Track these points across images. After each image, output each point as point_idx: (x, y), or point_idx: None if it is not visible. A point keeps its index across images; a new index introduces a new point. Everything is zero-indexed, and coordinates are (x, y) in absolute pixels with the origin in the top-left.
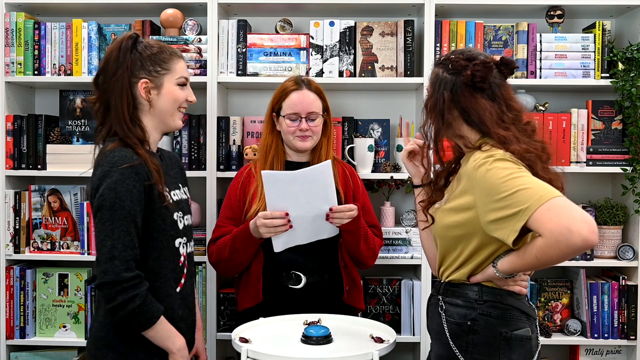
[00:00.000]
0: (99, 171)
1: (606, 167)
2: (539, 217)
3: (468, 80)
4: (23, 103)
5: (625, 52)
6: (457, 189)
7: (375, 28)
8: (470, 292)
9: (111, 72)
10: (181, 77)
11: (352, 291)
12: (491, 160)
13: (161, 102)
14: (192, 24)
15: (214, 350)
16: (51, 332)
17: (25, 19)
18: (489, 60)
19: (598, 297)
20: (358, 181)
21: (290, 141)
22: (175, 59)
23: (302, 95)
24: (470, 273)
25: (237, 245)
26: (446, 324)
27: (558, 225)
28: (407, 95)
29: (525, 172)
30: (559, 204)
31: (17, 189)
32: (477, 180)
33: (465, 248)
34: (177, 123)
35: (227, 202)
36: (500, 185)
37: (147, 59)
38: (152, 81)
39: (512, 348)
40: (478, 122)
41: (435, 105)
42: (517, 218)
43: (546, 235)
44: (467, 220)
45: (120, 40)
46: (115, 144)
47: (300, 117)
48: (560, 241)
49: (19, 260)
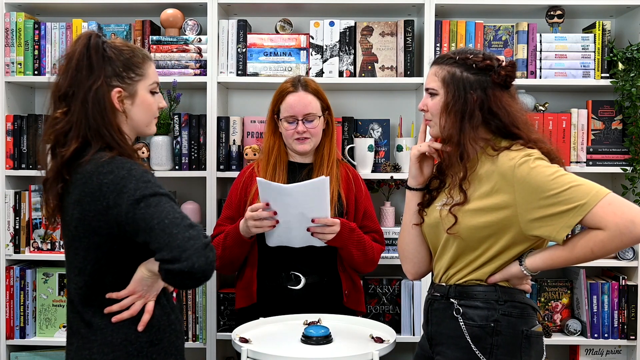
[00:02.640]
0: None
1: (606, 167)
2: (599, 212)
3: (501, 81)
4: (23, 103)
5: (625, 52)
6: (481, 189)
7: (375, 28)
8: (489, 293)
9: (84, 80)
10: (154, 82)
11: (353, 294)
12: (532, 158)
13: (135, 112)
14: (192, 24)
15: (214, 350)
16: (51, 332)
17: (25, 19)
18: (512, 61)
19: (598, 297)
20: (361, 185)
21: (290, 143)
22: (148, 62)
23: (298, 98)
24: (490, 274)
25: (227, 243)
26: (465, 328)
27: (622, 218)
28: (407, 95)
29: (567, 171)
30: (617, 199)
31: (17, 189)
32: (518, 179)
33: (491, 247)
34: (152, 129)
35: (228, 201)
36: (550, 183)
37: (119, 64)
38: (125, 89)
39: (531, 345)
40: (509, 124)
41: (464, 106)
42: (572, 214)
43: (611, 228)
44: (500, 219)
45: (84, 41)
46: (112, 153)
47: (297, 120)
48: (624, 233)
49: (19, 260)
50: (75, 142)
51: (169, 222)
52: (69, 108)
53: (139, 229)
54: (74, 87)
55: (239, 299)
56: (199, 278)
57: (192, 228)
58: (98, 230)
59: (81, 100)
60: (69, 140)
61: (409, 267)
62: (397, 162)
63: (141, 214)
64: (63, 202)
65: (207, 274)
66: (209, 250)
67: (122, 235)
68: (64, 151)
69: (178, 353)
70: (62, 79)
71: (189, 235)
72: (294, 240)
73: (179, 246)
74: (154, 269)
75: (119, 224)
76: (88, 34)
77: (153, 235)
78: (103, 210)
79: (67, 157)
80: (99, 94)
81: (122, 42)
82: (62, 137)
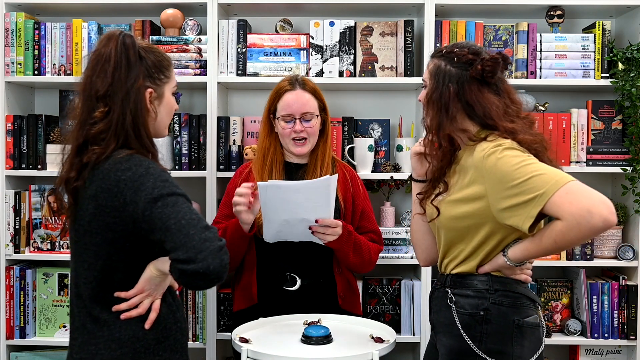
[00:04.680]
0: (130, 173)
1: (606, 167)
2: (557, 200)
3: (477, 75)
4: (23, 103)
5: (625, 52)
6: (463, 180)
7: (375, 28)
8: (480, 282)
9: (123, 79)
10: (175, 85)
11: (348, 296)
12: (500, 149)
13: (161, 114)
14: (192, 24)
15: (214, 350)
16: (51, 332)
17: (25, 19)
18: (496, 56)
19: (598, 297)
20: (359, 185)
21: (286, 144)
22: (172, 66)
23: (296, 96)
24: (479, 264)
25: (227, 235)
26: (457, 316)
27: (578, 207)
28: (407, 95)
29: (536, 160)
30: (576, 187)
31: (17, 189)
32: (487, 169)
33: (473, 238)
34: (167, 132)
35: (225, 199)
36: (513, 173)
37: (151, 65)
38: (155, 90)
39: (523, 335)
40: (483, 116)
41: (440, 98)
42: (533, 204)
43: (566, 218)
44: (476, 210)
45: (119, 40)
46: (131, 151)
47: (294, 118)
48: (581, 223)
49: (19, 260)
50: (113, 141)
51: (185, 223)
52: (109, 108)
53: (154, 227)
54: (113, 86)
55: (238, 301)
56: (212, 279)
57: (208, 230)
58: (113, 226)
59: (121, 100)
60: (107, 140)
61: (419, 254)
62: (397, 162)
63: (158, 212)
64: (76, 196)
65: (221, 275)
66: (223, 252)
67: (136, 233)
68: (99, 150)
69: (183, 350)
70: (99, 79)
71: (205, 237)
72: (293, 235)
73: (195, 247)
74: (163, 268)
75: (134, 221)
76: (117, 33)
77: (169, 235)
78: (120, 206)
79: (103, 157)
80: (139, 95)
81: (147, 44)
82: (98, 136)
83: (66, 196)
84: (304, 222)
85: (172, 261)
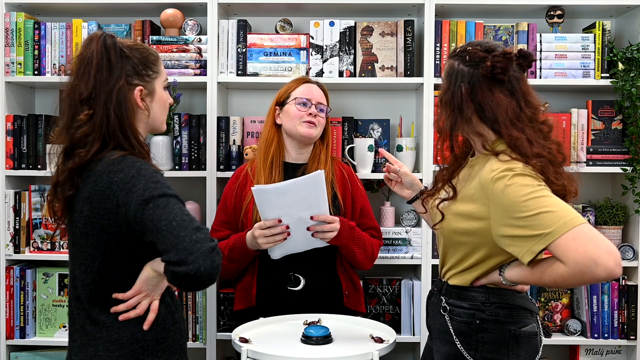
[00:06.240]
0: (122, 174)
1: (606, 167)
2: (562, 244)
3: (488, 73)
4: (23, 103)
5: (625, 52)
6: (468, 190)
7: (375, 28)
8: (476, 294)
9: (105, 81)
10: (166, 79)
11: (353, 294)
12: (511, 174)
13: (155, 109)
14: (192, 24)
15: (214, 350)
16: (51, 332)
17: (25, 19)
18: (509, 51)
19: (598, 297)
20: (357, 182)
21: (294, 127)
22: (159, 59)
23: (313, 87)
24: (475, 278)
25: (233, 256)
26: (450, 323)
27: (584, 257)
28: (407, 95)
29: (547, 191)
30: (584, 233)
31: (17, 189)
32: (493, 193)
33: (472, 256)
34: (164, 126)
35: (222, 205)
36: (521, 205)
37: (138, 63)
38: (145, 87)
39: (520, 345)
40: (492, 120)
41: (452, 99)
42: (536, 240)
43: (571, 265)
44: (476, 230)
45: (100, 42)
46: (123, 152)
47: (311, 103)
48: (584, 272)
49: (19, 260)
50: (97, 143)
51: (176, 224)
52: (93, 111)
53: (146, 229)
54: (96, 89)
55: (238, 301)
56: (204, 281)
57: (199, 231)
58: (107, 228)
59: (104, 102)
60: (91, 142)
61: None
62: None
63: (149, 214)
64: (71, 199)
65: (212, 277)
66: (215, 253)
67: (130, 234)
68: (83, 153)
69: (182, 351)
70: (82, 82)
71: (195, 238)
72: (296, 245)
73: (186, 249)
74: (160, 269)
75: (127, 223)
76: (98, 35)
77: (160, 237)
78: (113, 208)
79: (87, 159)
80: (121, 95)
81: (132, 42)
82: (83, 139)
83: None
84: (301, 222)
85: (164, 263)
